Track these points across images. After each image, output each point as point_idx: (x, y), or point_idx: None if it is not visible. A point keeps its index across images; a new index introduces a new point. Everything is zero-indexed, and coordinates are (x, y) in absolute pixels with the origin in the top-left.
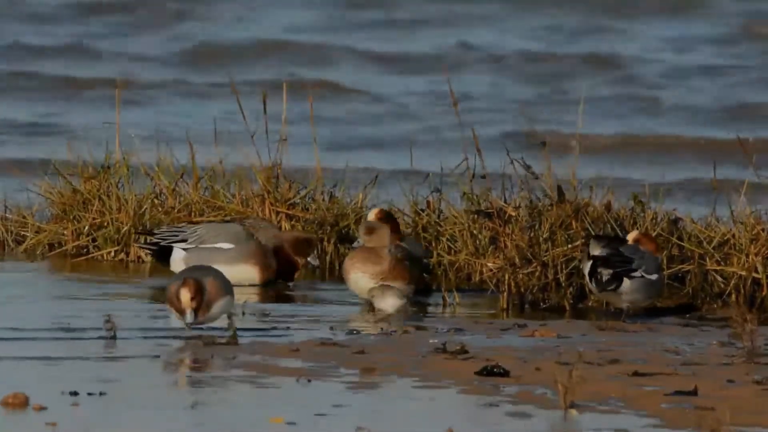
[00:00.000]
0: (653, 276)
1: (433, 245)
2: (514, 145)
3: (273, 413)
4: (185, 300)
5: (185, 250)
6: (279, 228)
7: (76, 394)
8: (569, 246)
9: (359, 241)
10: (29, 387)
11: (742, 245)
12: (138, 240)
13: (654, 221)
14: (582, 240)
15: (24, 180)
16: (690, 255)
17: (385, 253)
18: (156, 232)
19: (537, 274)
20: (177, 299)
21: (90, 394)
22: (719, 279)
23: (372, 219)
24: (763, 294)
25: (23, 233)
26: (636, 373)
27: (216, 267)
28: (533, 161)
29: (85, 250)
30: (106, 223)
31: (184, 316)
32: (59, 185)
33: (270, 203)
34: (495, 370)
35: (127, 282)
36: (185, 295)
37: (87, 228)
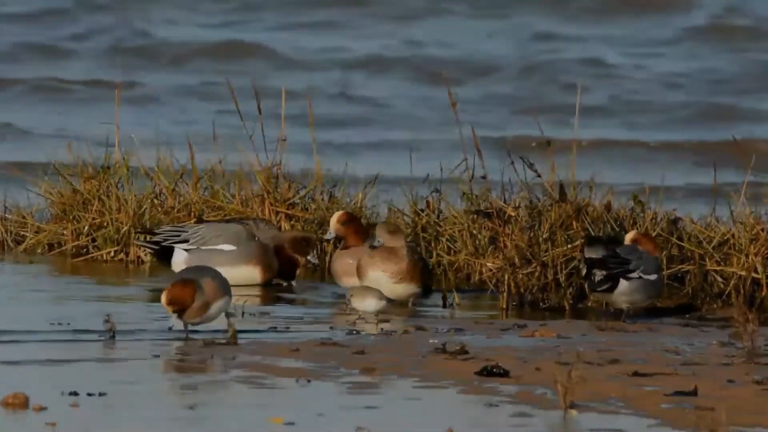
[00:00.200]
0: (652, 276)
1: (433, 245)
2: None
3: (273, 413)
4: (163, 305)
5: (187, 251)
6: (279, 228)
7: (76, 394)
8: (569, 246)
9: (379, 240)
10: (29, 387)
11: (741, 245)
12: (138, 239)
13: (654, 221)
14: (582, 240)
15: (24, 180)
16: (690, 255)
17: (404, 254)
18: (157, 231)
19: (537, 274)
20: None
21: (90, 394)
22: (719, 279)
23: (336, 221)
24: (763, 294)
25: (23, 233)
26: (636, 373)
27: (218, 269)
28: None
29: (85, 250)
30: (105, 223)
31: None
32: (59, 185)
33: (270, 203)
34: (495, 370)
35: (127, 282)
36: (162, 300)
37: (87, 228)
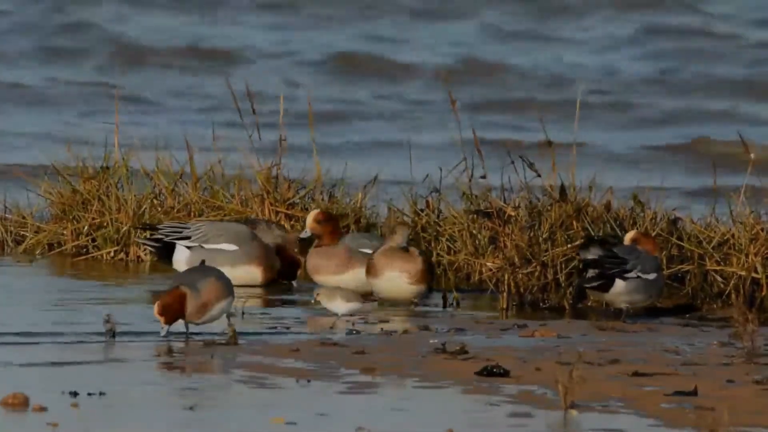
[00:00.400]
0: (651, 275)
1: (433, 245)
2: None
3: (273, 413)
4: (155, 314)
5: (189, 248)
6: (284, 228)
7: (76, 394)
8: (569, 246)
9: (402, 241)
10: (29, 387)
11: (741, 245)
12: (140, 236)
13: (654, 221)
14: (582, 240)
15: (24, 180)
16: (690, 255)
17: (416, 254)
18: (159, 227)
19: (537, 274)
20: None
21: (90, 394)
22: (719, 279)
23: (312, 219)
24: (763, 294)
25: (23, 233)
26: (636, 373)
27: (219, 268)
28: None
29: (85, 250)
30: (105, 223)
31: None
32: (59, 185)
33: (270, 203)
34: (495, 370)
35: (127, 282)
36: (154, 311)
37: (86, 228)
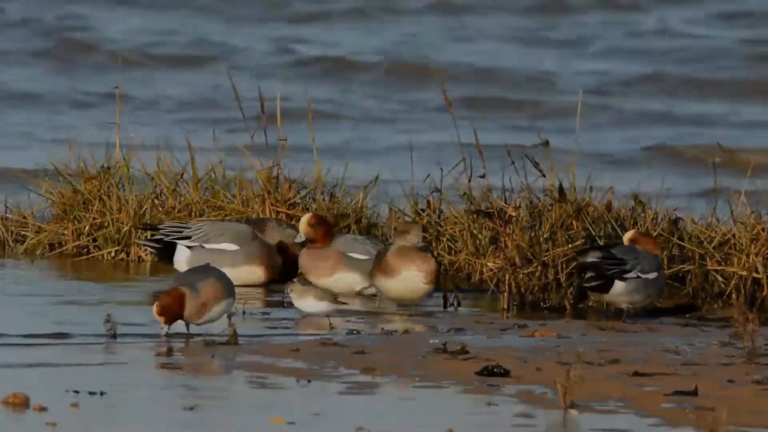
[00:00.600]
0: (651, 275)
1: (434, 245)
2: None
3: (273, 413)
4: (155, 314)
5: (189, 248)
6: (291, 227)
7: (76, 393)
8: (569, 246)
9: (418, 240)
10: (29, 387)
11: (742, 245)
12: (140, 237)
13: (654, 221)
14: (582, 240)
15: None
16: (690, 255)
17: (429, 254)
18: (160, 227)
19: (537, 274)
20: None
21: (91, 393)
22: (719, 279)
23: (306, 223)
24: (764, 294)
25: (23, 233)
26: (636, 373)
27: (221, 268)
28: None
29: (86, 250)
30: (106, 223)
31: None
32: (60, 185)
33: (270, 203)
34: (495, 370)
35: (128, 282)
36: (153, 312)
37: (87, 228)
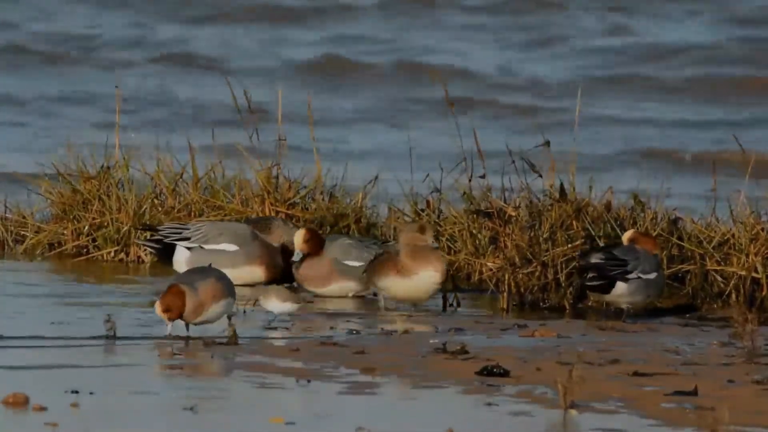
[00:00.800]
0: (651, 275)
1: None
2: None
3: (273, 413)
4: (158, 314)
5: (189, 249)
6: (295, 226)
7: (76, 393)
8: (569, 246)
9: (432, 240)
10: (29, 387)
11: (741, 245)
12: (140, 237)
13: (654, 221)
14: (582, 240)
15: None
16: (690, 255)
17: (441, 254)
18: (159, 228)
19: (537, 274)
20: None
21: (90, 393)
22: (719, 279)
23: (301, 241)
24: (763, 294)
25: (23, 233)
26: (636, 373)
27: (221, 269)
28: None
29: (85, 250)
30: (106, 223)
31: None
32: (59, 185)
33: (270, 203)
34: (495, 370)
35: (127, 282)
36: (156, 310)
37: (87, 228)
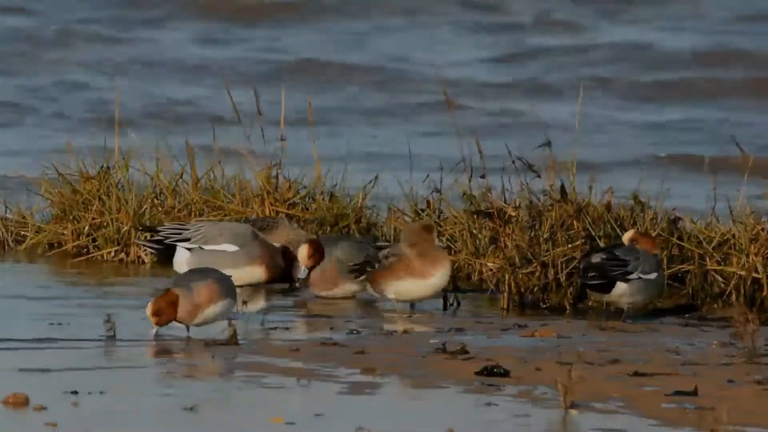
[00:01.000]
0: (652, 275)
1: None
2: None
3: (273, 413)
4: (147, 314)
5: (189, 250)
6: (300, 227)
7: (75, 393)
8: (569, 246)
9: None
10: (29, 387)
11: (742, 245)
12: (140, 238)
13: (654, 221)
14: (582, 240)
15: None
16: (690, 255)
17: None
18: (159, 229)
19: (537, 274)
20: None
21: (90, 393)
22: (719, 279)
23: (306, 257)
24: (763, 294)
25: (23, 233)
26: (636, 373)
27: (222, 270)
28: None
29: (85, 250)
30: (106, 223)
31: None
32: (59, 185)
33: (270, 203)
34: (495, 370)
35: (127, 282)
36: (147, 311)
37: (87, 228)
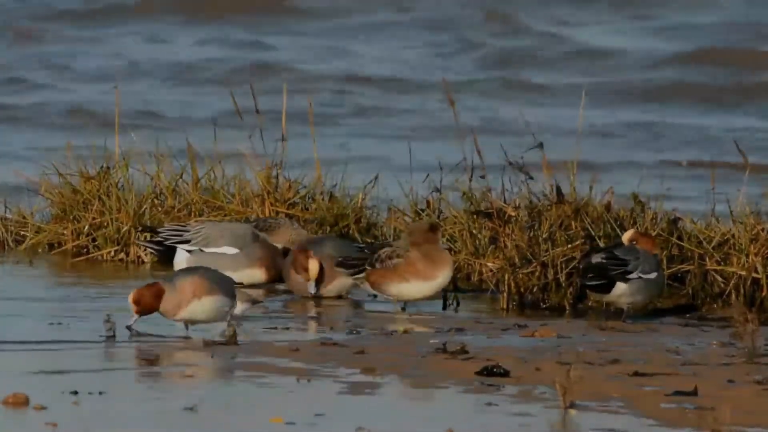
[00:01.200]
0: (652, 275)
1: None
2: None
3: (273, 413)
4: (129, 300)
5: (189, 252)
6: (303, 227)
7: (76, 393)
8: (569, 246)
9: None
10: (29, 387)
11: (741, 245)
12: (140, 238)
13: (654, 221)
14: (582, 240)
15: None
16: (690, 255)
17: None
18: (160, 230)
19: (537, 274)
20: None
21: (90, 393)
22: (719, 279)
23: (315, 271)
24: (763, 294)
25: (23, 233)
26: (636, 373)
27: (222, 272)
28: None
29: (85, 249)
30: (106, 223)
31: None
32: (59, 185)
33: (270, 203)
34: (495, 370)
35: (127, 282)
36: (129, 298)
37: (87, 228)
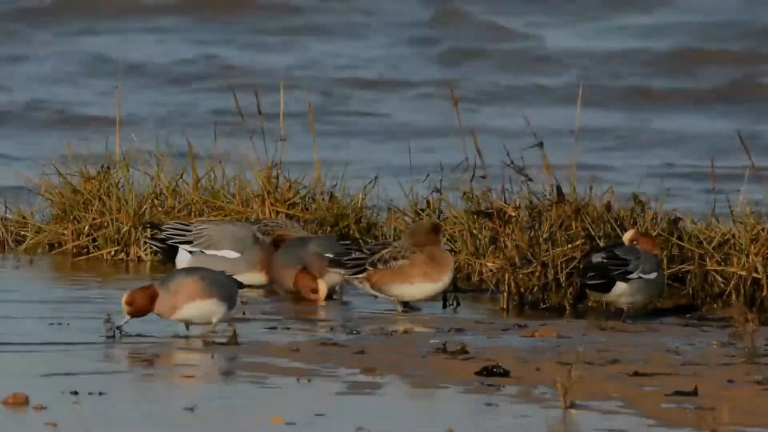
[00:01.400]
0: (652, 275)
1: None
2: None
3: (273, 413)
4: (122, 301)
5: (191, 253)
6: (302, 228)
7: (75, 393)
8: (569, 246)
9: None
10: (29, 387)
11: (742, 245)
12: (143, 234)
13: (654, 221)
14: (582, 240)
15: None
16: (690, 255)
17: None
18: (163, 228)
19: (537, 274)
20: None
21: (90, 393)
22: (719, 279)
23: (325, 288)
24: (763, 294)
25: (23, 233)
26: (636, 373)
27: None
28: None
29: (85, 250)
30: (106, 223)
31: None
32: (59, 185)
33: (270, 203)
34: (495, 370)
35: (127, 282)
36: (122, 299)
37: (87, 228)
